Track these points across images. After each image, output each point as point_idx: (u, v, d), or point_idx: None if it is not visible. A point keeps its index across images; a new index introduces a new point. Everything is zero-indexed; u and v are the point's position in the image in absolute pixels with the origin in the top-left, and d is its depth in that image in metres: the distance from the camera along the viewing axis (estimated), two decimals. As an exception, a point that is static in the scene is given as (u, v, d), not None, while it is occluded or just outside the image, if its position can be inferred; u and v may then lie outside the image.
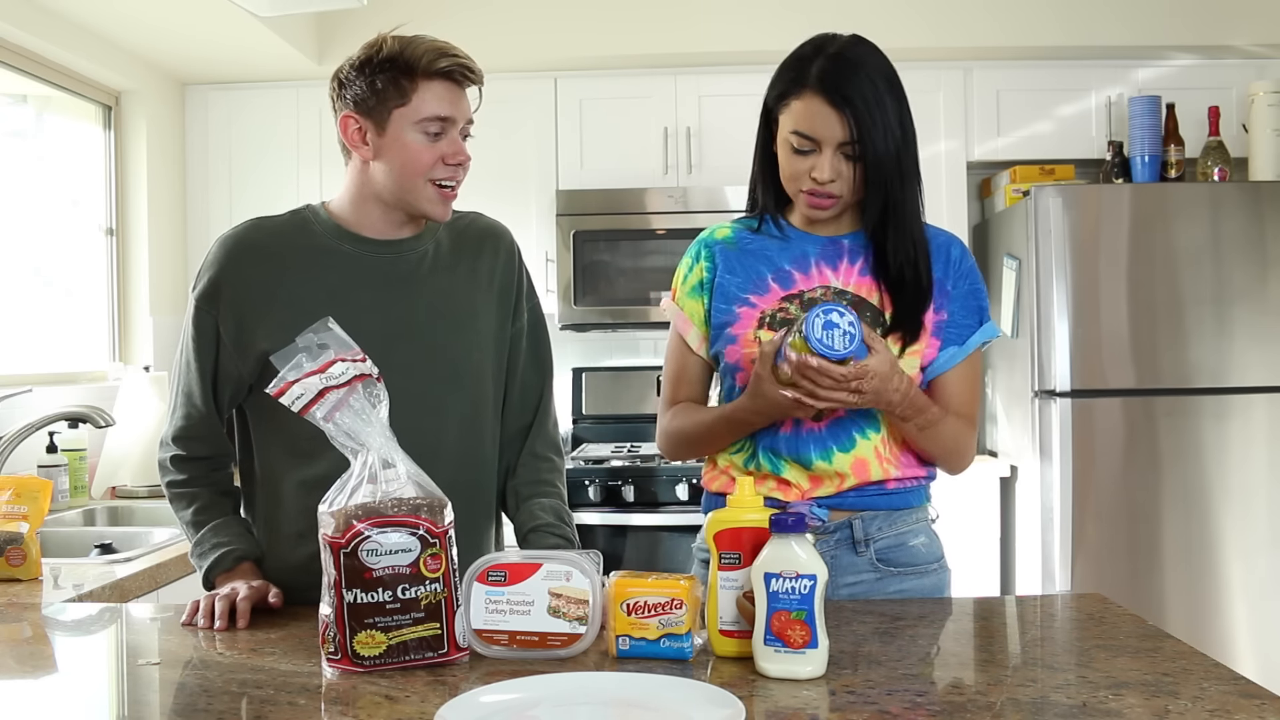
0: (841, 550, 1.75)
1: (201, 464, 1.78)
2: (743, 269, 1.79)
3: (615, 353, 4.37)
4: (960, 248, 1.81)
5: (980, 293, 1.81)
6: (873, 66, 1.67)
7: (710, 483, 1.83)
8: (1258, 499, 3.48)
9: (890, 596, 1.75)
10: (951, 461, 1.78)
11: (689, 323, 1.83)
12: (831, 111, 1.65)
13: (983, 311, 1.80)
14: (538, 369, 1.89)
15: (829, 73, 1.66)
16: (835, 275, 1.76)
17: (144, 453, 3.29)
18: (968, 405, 1.78)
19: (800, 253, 1.78)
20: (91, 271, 3.78)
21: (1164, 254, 3.48)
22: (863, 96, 1.64)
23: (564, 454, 1.94)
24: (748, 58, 3.87)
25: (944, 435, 1.73)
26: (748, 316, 1.76)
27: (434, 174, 1.68)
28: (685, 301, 1.83)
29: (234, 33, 3.52)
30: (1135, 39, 3.82)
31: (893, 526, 1.76)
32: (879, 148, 1.66)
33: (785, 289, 1.76)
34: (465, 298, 1.79)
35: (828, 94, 1.65)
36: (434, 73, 1.65)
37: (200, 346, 1.72)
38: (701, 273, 1.81)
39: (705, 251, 1.83)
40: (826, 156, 1.67)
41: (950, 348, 1.77)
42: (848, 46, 1.69)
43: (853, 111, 1.64)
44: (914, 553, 1.77)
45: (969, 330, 1.78)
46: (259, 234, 1.74)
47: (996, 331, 1.81)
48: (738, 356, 1.76)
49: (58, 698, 1.36)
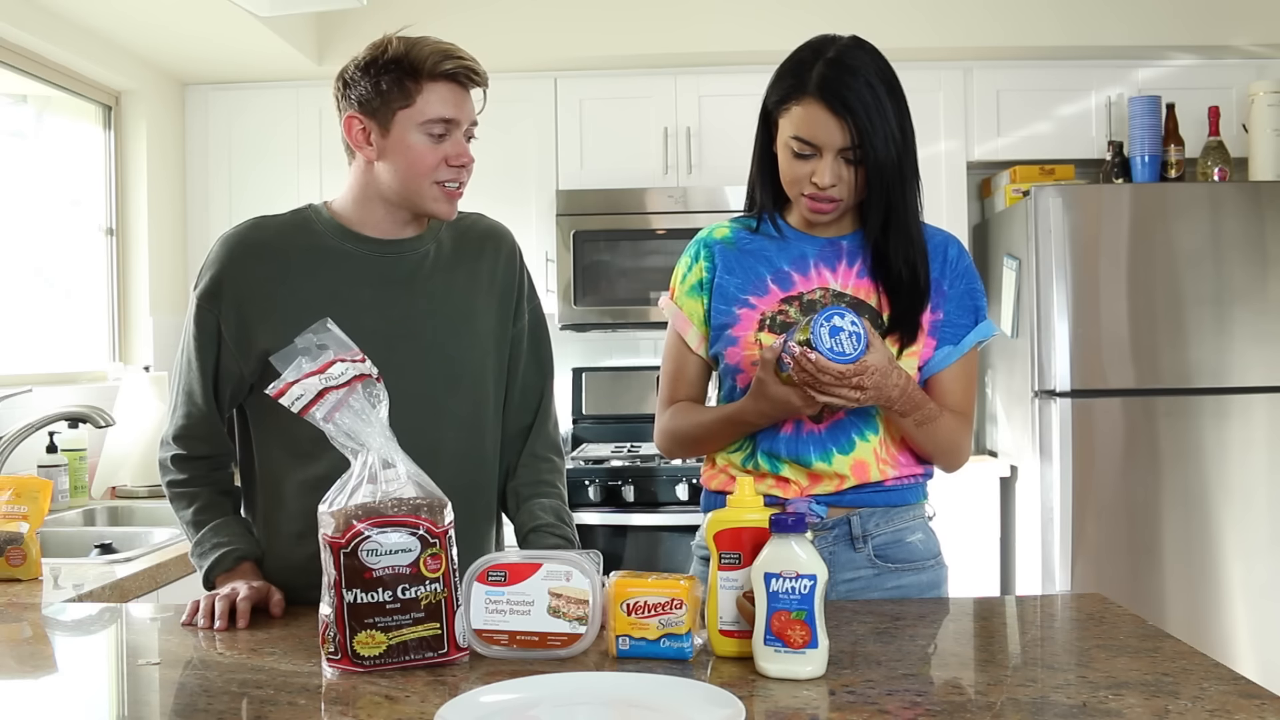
0: (839, 546, 1.76)
1: (202, 463, 1.78)
2: (742, 269, 1.79)
3: (615, 353, 4.37)
4: (957, 247, 1.81)
5: (977, 292, 1.81)
6: (872, 70, 1.67)
7: (709, 481, 1.83)
8: (1258, 499, 3.48)
9: (888, 592, 1.76)
10: (948, 458, 1.79)
11: (688, 322, 1.83)
12: (831, 118, 1.65)
13: (979, 311, 1.80)
14: (538, 370, 1.89)
15: (829, 79, 1.66)
16: (834, 277, 1.77)
17: (144, 453, 3.29)
18: (963, 403, 1.79)
19: (799, 254, 1.78)
20: (91, 271, 3.78)
21: (1164, 254, 3.48)
22: (863, 102, 1.64)
23: (564, 454, 1.94)
24: (748, 58, 3.87)
25: (941, 432, 1.74)
26: (748, 318, 1.77)
27: (438, 175, 1.68)
28: (684, 300, 1.83)
29: (234, 33, 3.52)
30: (1135, 39, 3.82)
31: (890, 523, 1.77)
32: (880, 152, 1.66)
33: (784, 290, 1.77)
34: (466, 298, 1.79)
35: (828, 100, 1.65)
36: (439, 75, 1.65)
37: (202, 345, 1.72)
38: (701, 272, 1.81)
39: (704, 251, 1.83)
40: (827, 162, 1.67)
41: (946, 346, 1.77)
42: (846, 51, 1.68)
43: (853, 118, 1.64)
44: (911, 549, 1.78)
45: (964, 329, 1.78)
46: (261, 233, 1.74)
47: (993, 330, 1.82)
48: (738, 358, 1.77)
49: (58, 698, 1.36)
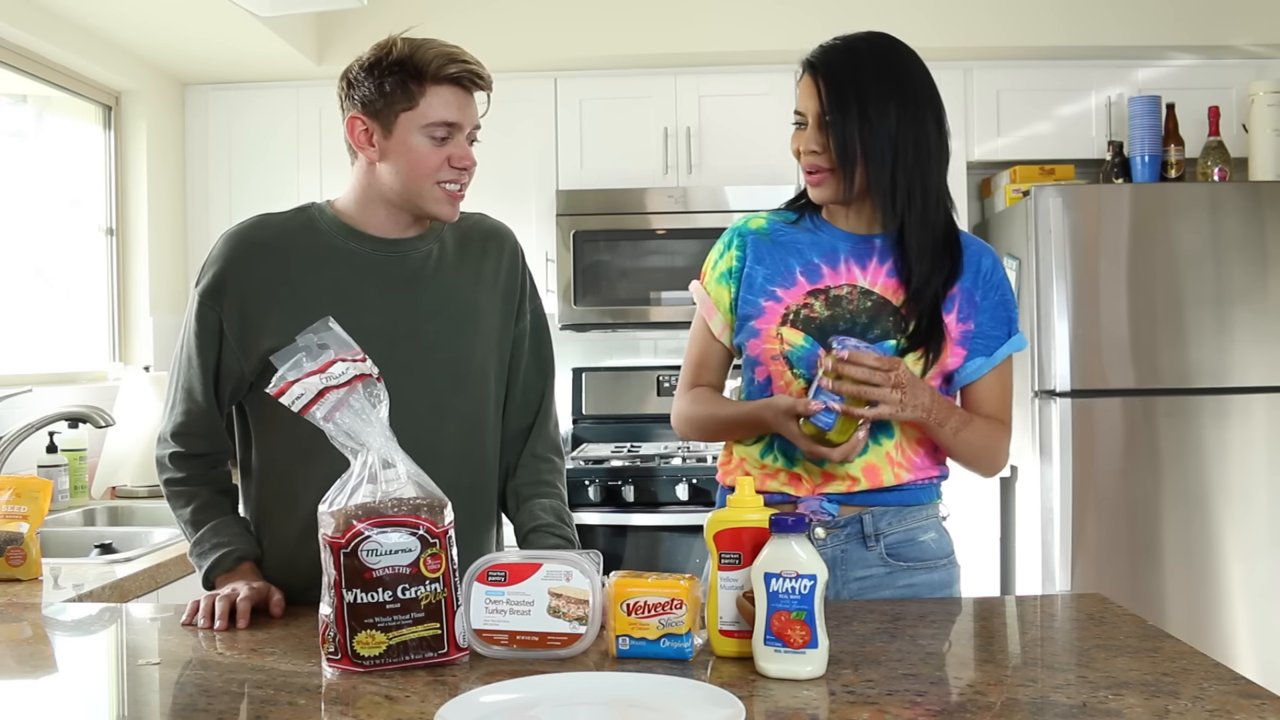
0: (852, 545, 1.77)
1: (200, 461, 1.78)
2: (772, 260, 1.80)
3: (615, 353, 4.37)
4: (992, 258, 1.81)
5: (1010, 304, 1.81)
6: (867, 52, 1.72)
7: (725, 477, 1.85)
8: (1258, 499, 3.48)
9: (899, 590, 1.76)
10: (985, 465, 1.79)
11: (714, 309, 1.84)
12: (811, 84, 1.72)
13: (1011, 323, 1.81)
14: (539, 370, 1.89)
15: (818, 53, 1.74)
16: (863, 274, 1.77)
17: (144, 453, 3.29)
18: (1000, 410, 1.80)
19: (830, 248, 1.79)
20: (91, 271, 3.78)
21: (1164, 254, 3.47)
22: (835, 70, 1.71)
23: (564, 455, 1.94)
24: (748, 58, 3.87)
25: (977, 438, 1.75)
26: (772, 311, 1.77)
27: (439, 177, 1.68)
28: (713, 287, 1.85)
29: (234, 33, 3.52)
30: (1135, 39, 3.82)
31: (903, 522, 1.78)
32: (848, 120, 1.69)
33: (812, 283, 1.77)
34: (469, 298, 1.79)
35: (808, 68, 1.74)
36: (443, 78, 1.65)
37: (203, 342, 1.72)
38: (732, 260, 1.82)
39: (738, 240, 1.84)
40: (810, 129, 1.73)
41: (978, 358, 1.78)
42: (855, 35, 1.75)
43: (829, 82, 1.70)
44: (924, 548, 1.79)
45: (997, 341, 1.79)
46: (264, 230, 1.74)
47: (1024, 343, 1.83)
48: (759, 351, 1.77)
49: (58, 698, 1.36)
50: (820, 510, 1.74)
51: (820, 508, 1.74)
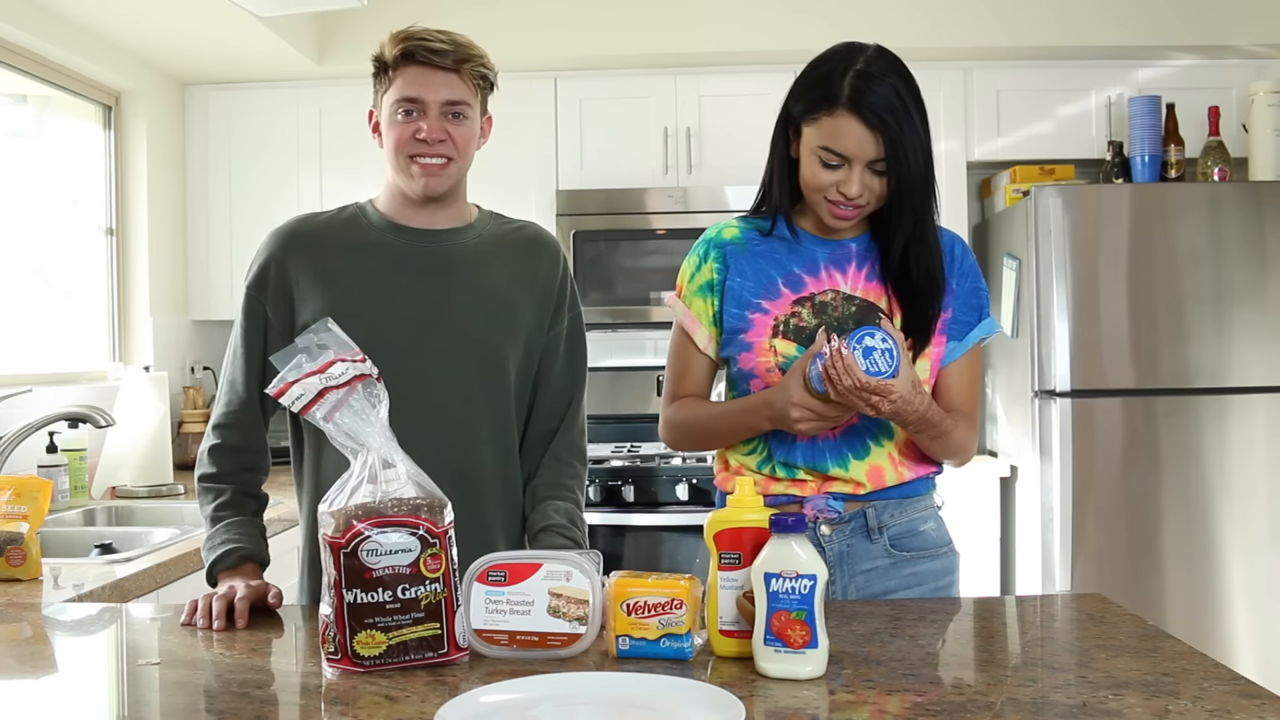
0: (857, 539, 1.79)
1: (233, 457, 1.80)
2: (753, 272, 1.79)
3: (615, 353, 4.37)
4: (962, 246, 1.84)
5: (981, 290, 1.84)
6: (900, 81, 1.67)
7: (724, 483, 1.85)
8: (1258, 499, 3.48)
9: (904, 579, 1.79)
10: (954, 459, 1.83)
11: (696, 322, 1.83)
12: (865, 131, 1.65)
13: (982, 309, 1.83)
14: (571, 377, 1.90)
15: (861, 91, 1.65)
16: (844, 279, 1.78)
17: (144, 453, 3.29)
18: (968, 401, 1.81)
19: (809, 256, 1.79)
20: (91, 272, 3.78)
21: (1164, 254, 3.47)
22: (895, 114, 1.65)
23: (587, 462, 1.94)
24: (748, 58, 3.87)
25: (952, 442, 1.77)
26: (761, 324, 1.77)
27: (408, 150, 1.76)
28: (692, 300, 1.84)
29: (234, 33, 3.52)
30: (1135, 39, 3.82)
31: (904, 513, 1.80)
32: (911, 165, 1.67)
33: (795, 292, 1.78)
34: (500, 291, 1.82)
35: (862, 114, 1.65)
36: (399, 57, 1.74)
37: (249, 332, 1.80)
38: (711, 273, 1.81)
39: (715, 253, 1.82)
40: (856, 173, 1.68)
41: (950, 343, 1.79)
42: (874, 62, 1.68)
43: (885, 131, 1.65)
44: (925, 537, 1.82)
45: (968, 326, 1.81)
46: (307, 225, 1.85)
47: (996, 327, 1.84)
48: (753, 364, 1.78)
49: (58, 698, 1.36)
50: (827, 508, 1.74)
51: (826, 505, 1.74)
